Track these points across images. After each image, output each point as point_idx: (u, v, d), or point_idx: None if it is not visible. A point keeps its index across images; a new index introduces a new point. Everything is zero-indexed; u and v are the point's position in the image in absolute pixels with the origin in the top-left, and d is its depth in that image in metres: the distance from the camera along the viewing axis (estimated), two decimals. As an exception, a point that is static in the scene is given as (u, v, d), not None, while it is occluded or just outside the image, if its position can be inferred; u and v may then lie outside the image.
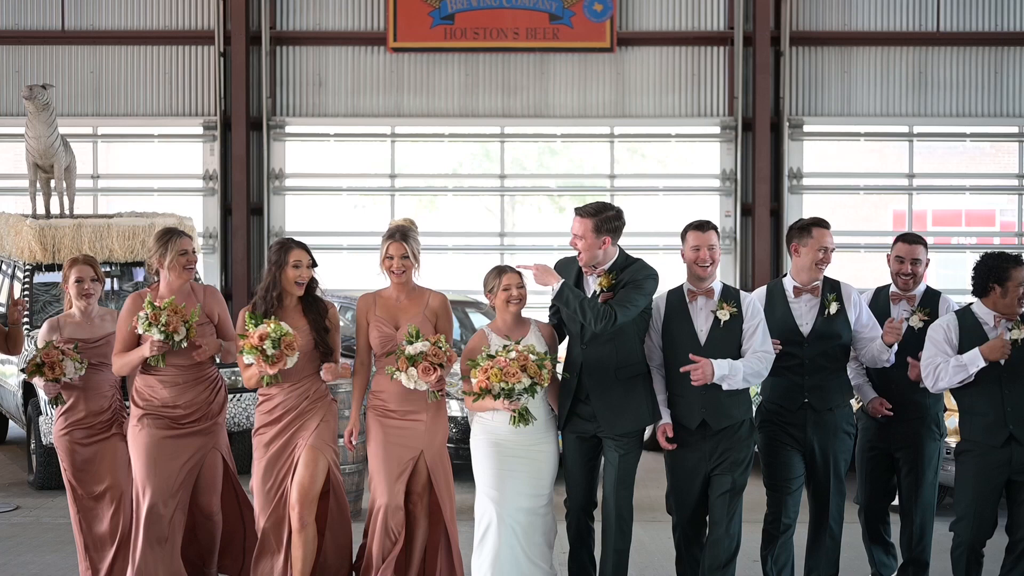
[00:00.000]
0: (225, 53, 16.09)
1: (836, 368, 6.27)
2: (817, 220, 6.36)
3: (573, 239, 6.02)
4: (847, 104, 16.19)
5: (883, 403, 6.44)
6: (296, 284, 6.17)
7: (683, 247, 6.06)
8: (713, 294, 6.00)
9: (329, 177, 16.57)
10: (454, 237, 16.46)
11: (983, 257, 6.09)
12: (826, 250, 6.24)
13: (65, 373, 6.48)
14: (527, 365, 5.69)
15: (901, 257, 6.57)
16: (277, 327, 5.92)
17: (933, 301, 6.58)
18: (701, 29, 16.17)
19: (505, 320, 6.13)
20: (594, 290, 5.98)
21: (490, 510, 5.96)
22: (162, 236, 6.44)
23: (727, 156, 16.21)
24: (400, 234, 6.18)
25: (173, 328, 6.11)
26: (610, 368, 5.94)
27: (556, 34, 15.94)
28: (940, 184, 16.81)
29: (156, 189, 16.47)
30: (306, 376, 6.18)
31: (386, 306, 6.24)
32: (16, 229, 10.84)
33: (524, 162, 16.95)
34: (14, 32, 16.19)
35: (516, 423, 5.77)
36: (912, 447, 6.49)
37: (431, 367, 5.90)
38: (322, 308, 6.27)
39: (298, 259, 6.18)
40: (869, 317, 6.35)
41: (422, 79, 16.18)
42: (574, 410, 6.02)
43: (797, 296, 6.27)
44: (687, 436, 5.98)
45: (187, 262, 6.39)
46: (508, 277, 6.10)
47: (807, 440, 6.19)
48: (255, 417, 6.30)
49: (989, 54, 16.16)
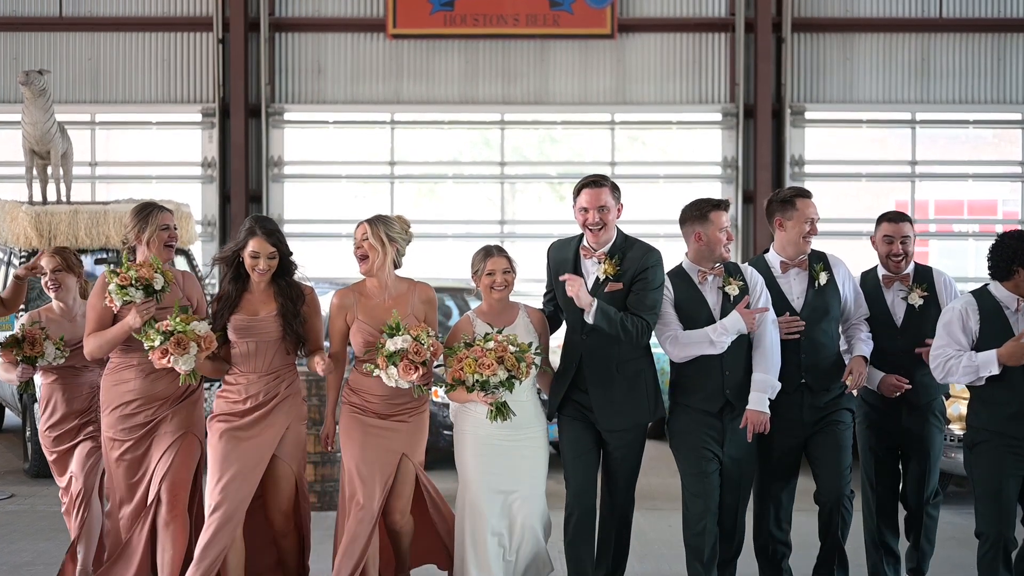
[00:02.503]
0: (224, 39, 16.01)
1: (832, 344, 6.00)
2: (799, 191, 6.10)
3: (593, 215, 5.69)
4: (849, 91, 16.11)
5: (899, 379, 6.04)
6: (256, 272, 5.68)
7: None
8: (720, 272, 5.81)
9: (328, 164, 16.50)
10: (454, 225, 16.40)
11: (1005, 238, 5.67)
12: (812, 221, 5.99)
13: (44, 354, 6.11)
14: (505, 357, 5.34)
15: (890, 237, 6.20)
16: (181, 323, 5.43)
17: (927, 276, 6.23)
18: (702, 15, 16.09)
19: (491, 305, 5.78)
20: (596, 276, 5.72)
21: (474, 504, 5.64)
22: (141, 210, 5.94)
23: (728, 143, 16.14)
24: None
25: (148, 276, 5.56)
26: (612, 362, 5.69)
27: (556, 20, 15.86)
28: (942, 172, 16.74)
29: (154, 176, 16.40)
30: (274, 369, 5.72)
31: (369, 309, 5.72)
32: (12, 215, 10.77)
33: (524, 150, 16.89)
34: (12, 19, 16.11)
35: (493, 417, 5.43)
36: (919, 437, 6.16)
37: (412, 365, 5.43)
38: (295, 293, 5.75)
39: (256, 250, 5.66)
40: (855, 293, 6.11)
41: (422, 66, 16.10)
42: (571, 396, 5.78)
43: (784, 271, 6.01)
44: (706, 420, 5.76)
45: (168, 237, 5.90)
46: (494, 261, 5.74)
47: (804, 424, 5.93)
48: (214, 403, 5.83)
49: (992, 40, 16.07)
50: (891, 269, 6.25)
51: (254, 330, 5.69)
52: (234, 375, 5.77)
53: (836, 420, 5.96)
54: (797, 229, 5.99)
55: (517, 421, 5.54)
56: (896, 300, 6.19)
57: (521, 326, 5.75)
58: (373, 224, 5.74)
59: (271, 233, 5.73)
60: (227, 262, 5.76)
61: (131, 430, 5.79)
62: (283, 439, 5.72)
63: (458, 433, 5.81)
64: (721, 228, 5.79)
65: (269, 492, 5.75)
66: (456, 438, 5.83)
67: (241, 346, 5.71)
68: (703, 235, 5.81)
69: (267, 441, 5.68)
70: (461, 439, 5.78)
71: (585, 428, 5.80)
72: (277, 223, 5.84)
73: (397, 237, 5.76)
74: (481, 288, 5.79)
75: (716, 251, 5.80)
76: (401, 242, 5.79)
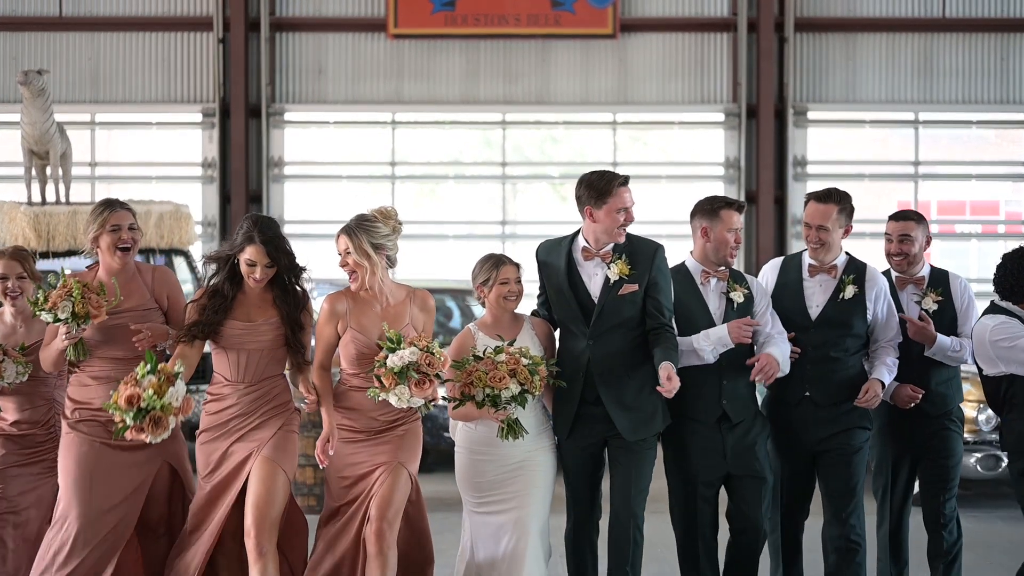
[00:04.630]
0: (224, 39, 15.93)
1: (847, 360, 5.67)
2: (812, 196, 5.82)
3: (632, 214, 5.49)
4: (852, 91, 16.03)
5: (915, 388, 5.79)
6: (252, 280, 5.23)
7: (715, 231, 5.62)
8: (725, 276, 5.61)
9: (329, 165, 16.43)
10: (455, 225, 16.34)
11: (1017, 256, 5.54)
12: (808, 226, 5.74)
13: (3, 376, 5.52)
14: (517, 370, 5.03)
15: (890, 235, 5.99)
16: (154, 397, 4.79)
17: (943, 280, 6.01)
18: (704, 15, 16.01)
19: (497, 317, 5.44)
20: (607, 278, 5.42)
21: (476, 527, 5.38)
22: (95, 207, 5.46)
23: (731, 144, 16.07)
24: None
25: (52, 304, 5.07)
26: (622, 366, 5.39)
27: (558, 20, 15.79)
28: (945, 172, 16.66)
29: (154, 177, 16.33)
30: (267, 377, 5.26)
31: (363, 317, 5.25)
32: (10, 216, 10.71)
33: (525, 150, 16.83)
34: (11, 18, 16.03)
35: (504, 436, 5.13)
36: (937, 449, 5.89)
37: (426, 379, 4.96)
38: (296, 301, 5.29)
39: (252, 259, 5.19)
40: (887, 314, 5.77)
41: (423, 66, 16.03)
42: (580, 412, 5.41)
43: (812, 275, 5.76)
44: (702, 432, 5.53)
45: (120, 240, 5.37)
46: (507, 269, 5.40)
47: (809, 440, 5.68)
48: (201, 417, 5.35)
49: (996, 40, 15.98)
50: (894, 268, 6.05)
51: (247, 338, 5.24)
52: (218, 384, 5.29)
53: (847, 445, 5.66)
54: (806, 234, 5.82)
55: (519, 441, 5.25)
56: (910, 304, 5.97)
57: (528, 339, 5.44)
58: (353, 235, 5.24)
59: (270, 241, 5.22)
60: (221, 263, 5.31)
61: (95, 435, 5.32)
62: (271, 442, 5.21)
63: (458, 452, 5.50)
64: (730, 228, 5.58)
65: (254, 499, 5.16)
66: (456, 458, 5.51)
67: (230, 354, 5.24)
68: (710, 232, 5.60)
69: (253, 443, 5.20)
70: (461, 459, 5.48)
71: (591, 446, 5.48)
72: (278, 223, 5.36)
73: (383, 241, 5.28)
74: (489, 299, 5.43)
75: (721, 252, 5.59)
76: (389, 244, 5.31)
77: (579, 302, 5.45)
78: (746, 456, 5.58)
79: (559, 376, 5.42)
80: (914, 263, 6.02)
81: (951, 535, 5.95)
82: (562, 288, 5.47)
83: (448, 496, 5.60)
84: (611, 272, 5.42)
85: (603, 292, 5.43)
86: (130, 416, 4.77)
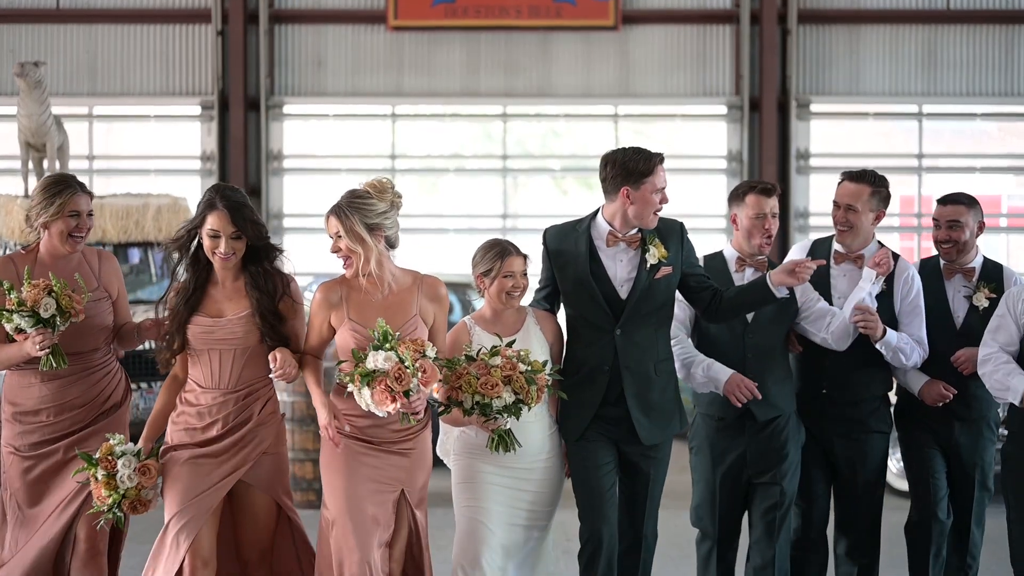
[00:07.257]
0: (223, 32, 15.84)
1: (865, 353, 5.26)
2: (846, 174, 5.42)
3: (666, 195, 4.99)
4: (855, 83, 15.94)
5: (947, 387, 5.36)
6: (217, 256, 4.51)
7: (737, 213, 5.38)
8: (764, 265, 5.25)
9: (328, 158, 16.33)
10: (455, 219, 16.24)
11: None
12: (837, 206, 5.38)
13: None
14: (513, 377, 4.43)
15: (938, 221, 5.50)
16: (132, 488, 4.37)
17: (996, 274, 5.50)
18: (706, 7, 15.91)
19: (497, 311, 4.87)
20: (645, 261, 4.95)
21: (473, 538, 4.78)
22: (49, 186, 4.77)
23: (733, 136, 15.98)
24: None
25: (33, 301, 4.46)
26: (650, 360, 4.96)
27: (559, 12, 15.70)
28: (948, 165, 16.57)
29: (153, 170, 16.21)
30: (245, 384, 4.56)
31: (363, 307, 4.57)
32: (7, 209, 10.66)
33: (527, 143, 16.75)
34: (7, 10, 15.93)
35: (494, 447, 4.55)
36: (971, 454, 5.46)
37: (388, 393, 4.23)
38: (272, 285, 4.56)
39: (215, 227, 4.44)
40: (912, 309, 5.37)
41: (423, 58, 15.94)
42: (598, 414, 4.93)
43: (838, 263, 5.36)
44: (722, 430, 5.25)
45: (76, 227, 4.75)
46: (513, 260, 4.83)
47: (825, 439, 5.36)
48: (168, 433, 4.64)
49: (1000, 32, 15.88)
50: (942, 256, 5.57)
51: (218, 335, 4.54)
52: (192, 393, 4.58)
53: (864, 454, 5.36)
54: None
55: (523, 450, 4.71)
56: (958, 297, 5.52)
57: (533, 338, 4.89)
58: (343, 215, 4.52)
59: (234, 208, 4.48)
60: (182, 247, 4.58)
61: (35, 446, 4.77)
62: (258, 465, 4.59)
63: (456, 459, 4.97)
64: (758, 215, 5.25)
65: (242, 527, 4.68)
66: (453, 465, 4.99)
67: (202, 356, 4.55)
68: (738, 218, 5.34)
69: (235, 465, 4.54)
70: (458, 466, 4.94)
71: (608, 450, 5.00)
72: (246, 194, 4.68)
73: (379, 220, 4.57)
74: (490, 291, 4.86)
75: (752, 240, 5.29)
76: (387, 223, 4.61)
77: (603, 292, 4.97)
78: (771, 457, 5.28)
79: (563, 384, 4.91)
80: (964, 251, 5.54)
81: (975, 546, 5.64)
82: (583, 278, 4.98)
83: (448, 492, 5.23)
84: (650, 256, 4.96)
85: (638, 278, 4.98)
86: (109, 501, 4.43)
